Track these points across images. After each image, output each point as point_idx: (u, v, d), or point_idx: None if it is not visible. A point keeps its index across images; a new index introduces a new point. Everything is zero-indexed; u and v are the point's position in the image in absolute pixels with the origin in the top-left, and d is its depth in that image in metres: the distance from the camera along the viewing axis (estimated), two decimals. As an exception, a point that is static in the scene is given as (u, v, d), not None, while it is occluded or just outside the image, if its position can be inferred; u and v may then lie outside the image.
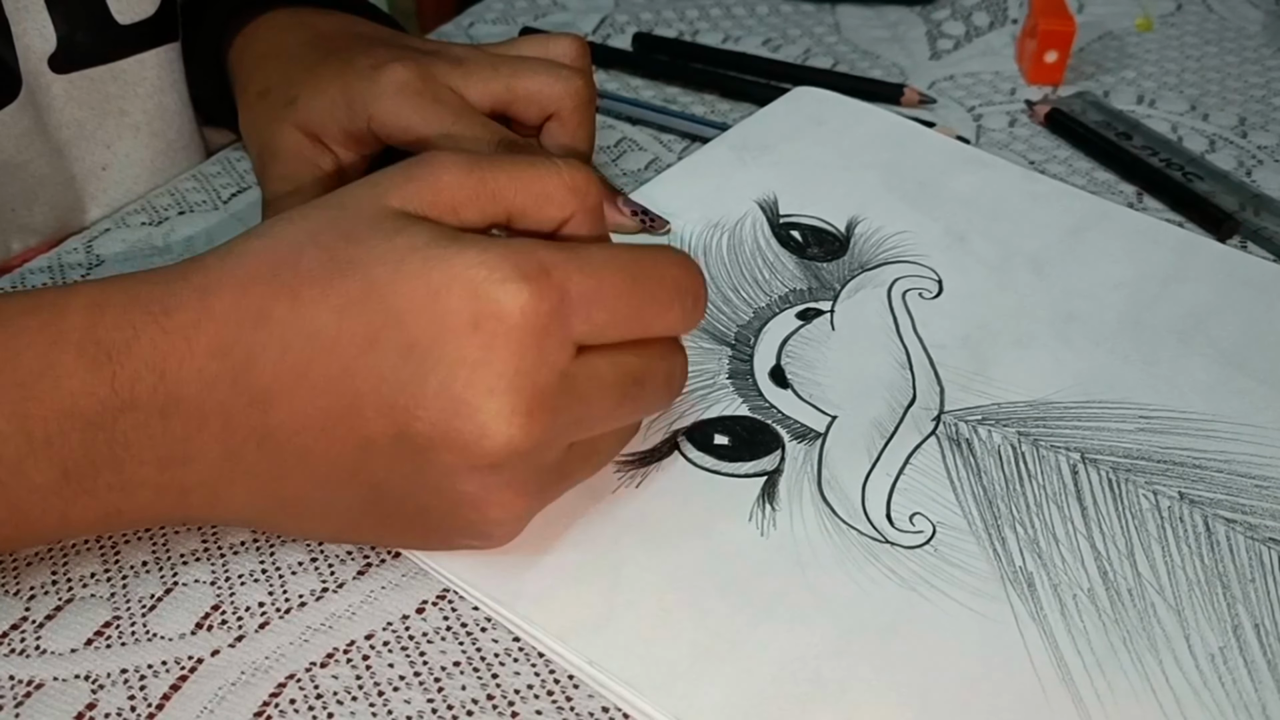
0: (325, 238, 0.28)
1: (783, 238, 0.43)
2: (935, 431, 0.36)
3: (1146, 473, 0.34)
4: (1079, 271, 0.42)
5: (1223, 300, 0.41)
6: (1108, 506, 0.33)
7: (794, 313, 0.40)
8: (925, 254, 0.43)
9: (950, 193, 0.46)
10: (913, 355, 0.38)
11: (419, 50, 0.42)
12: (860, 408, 0.37)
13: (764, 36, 0.63)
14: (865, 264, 0.42)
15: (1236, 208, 0.47)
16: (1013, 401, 0.37)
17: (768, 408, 0.37)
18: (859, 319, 0.40)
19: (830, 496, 0.34)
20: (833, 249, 0.43)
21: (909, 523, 0.33)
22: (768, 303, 0.40)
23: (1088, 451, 0.35)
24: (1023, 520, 0.33)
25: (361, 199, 0.29)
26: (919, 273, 0.42)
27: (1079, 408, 0.36)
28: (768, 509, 0.33)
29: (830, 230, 0.44)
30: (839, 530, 0.33)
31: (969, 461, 0.35)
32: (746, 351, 0.38)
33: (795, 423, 0.36)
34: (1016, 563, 0.32)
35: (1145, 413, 0.36)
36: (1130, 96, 0.57)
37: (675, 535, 0.32)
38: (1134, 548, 0.32)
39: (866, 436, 0.36)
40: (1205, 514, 0.33)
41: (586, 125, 0.42)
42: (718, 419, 0.36)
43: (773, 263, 0.42)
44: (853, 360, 0.38)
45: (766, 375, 0.38)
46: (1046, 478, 0.34)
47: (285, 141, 0.41)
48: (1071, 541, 0.32)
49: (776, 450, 0.35)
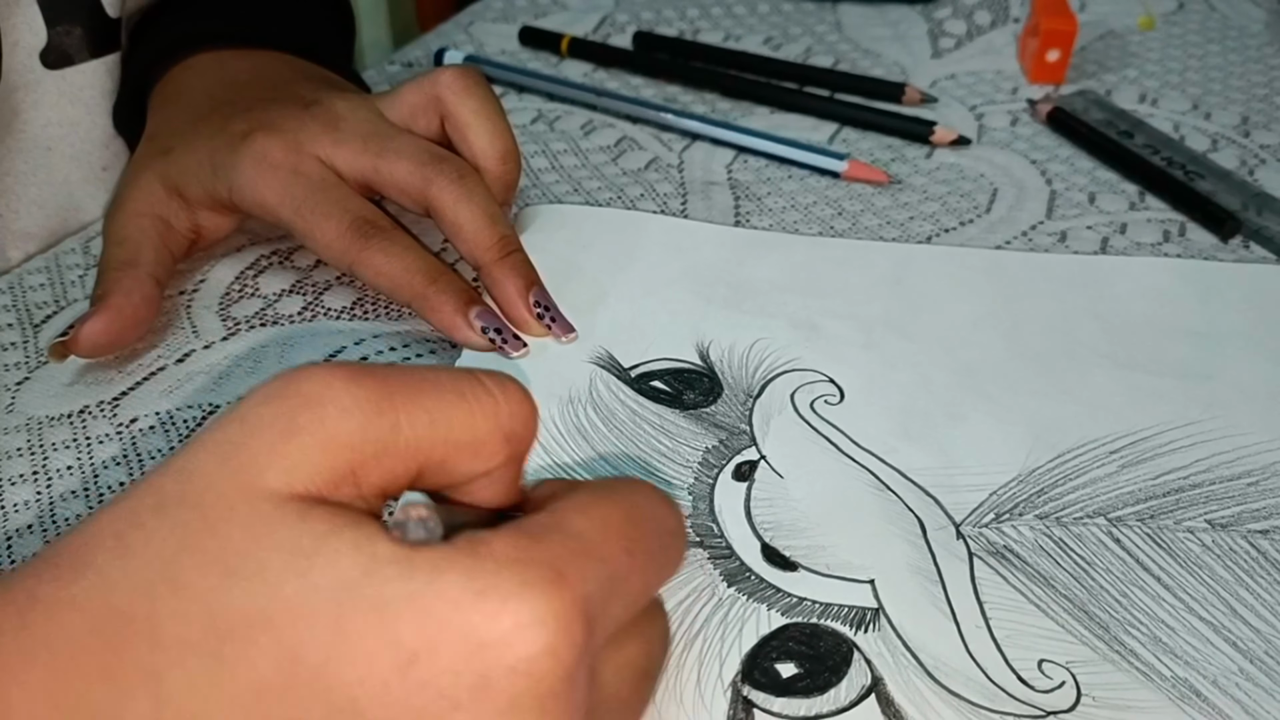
0: (187, 570, 0.18)
1: (648, 393, 0.37)
2: (971, 551, 0.32)
3: (1166, 512, 0.34)
4: (937, 320, 0.41)
5: (1074, 306, 0.41)
6: (1170, 565, 0.32)
7: (728, 475, 0.34)
8: (797, 357, 0.39)
9: (762, 283, 0.42)
10: (879, 474, 0.34)
11: (306, 110, 0.39)
12: (884, 558, 0.32)
13: (765, 35, 0.62)
14: (750, 391, 0.37)
15: (1239, 207, 0.47)
16: (1003, 484, 0.34)
17: (799, 602, 0.30)
18: (795, 454, 0.35)
19: (952, 684, 0.28)
20: (706, 388, 0.37)
21: (1042, 675, 0.29)
22: (695, 477, 0.34)
23: (1103, 511, 0.34)
24: (1126, 619, 0.30)
25: (222, 483, 0.19)
26: (806, 379, 0.38)
27: (1058, 465, 0.35)
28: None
29: (690, 368, 0.38)
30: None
31: (1028, 571, 0.31)
32: (722, 544, 0.32)
33: (843, 608, 0.30)
34: (1166, 674, 0.29)
35: (1109, 446, 0.36)
36: (1132, 95, 0.57)
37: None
38: (1228, 600, 0.31)
39: (920, 589, 0.31)
40: (1241, 533, 0.33)
41: (474, 203, 0.38)
42: (770, 645, 0.29)
43: (663, 427, 0.36)
44: (825, 504, 0.33)
45: (764, 561, 0.32)
46: (1100, 557, 0.32)
47: (144, 188, 0.39)
48: (1181, 621, 0.30)
49: (851, 652, 0.29)
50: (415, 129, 0.40)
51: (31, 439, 0.35)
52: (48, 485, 0.33)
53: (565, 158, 0.51)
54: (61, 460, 0.34)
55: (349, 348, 0.39)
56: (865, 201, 0.48)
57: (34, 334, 0.39)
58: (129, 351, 0.38)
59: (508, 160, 0.40)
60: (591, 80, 0.58)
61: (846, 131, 0.53)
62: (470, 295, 0.38)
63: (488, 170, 0.39)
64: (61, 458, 0.34)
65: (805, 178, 0.49)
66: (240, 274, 0.42)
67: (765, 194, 0.48)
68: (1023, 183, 0.49)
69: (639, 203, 0.47)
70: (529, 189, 0.48)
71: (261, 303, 0.41)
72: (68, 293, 0.41)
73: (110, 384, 0.37)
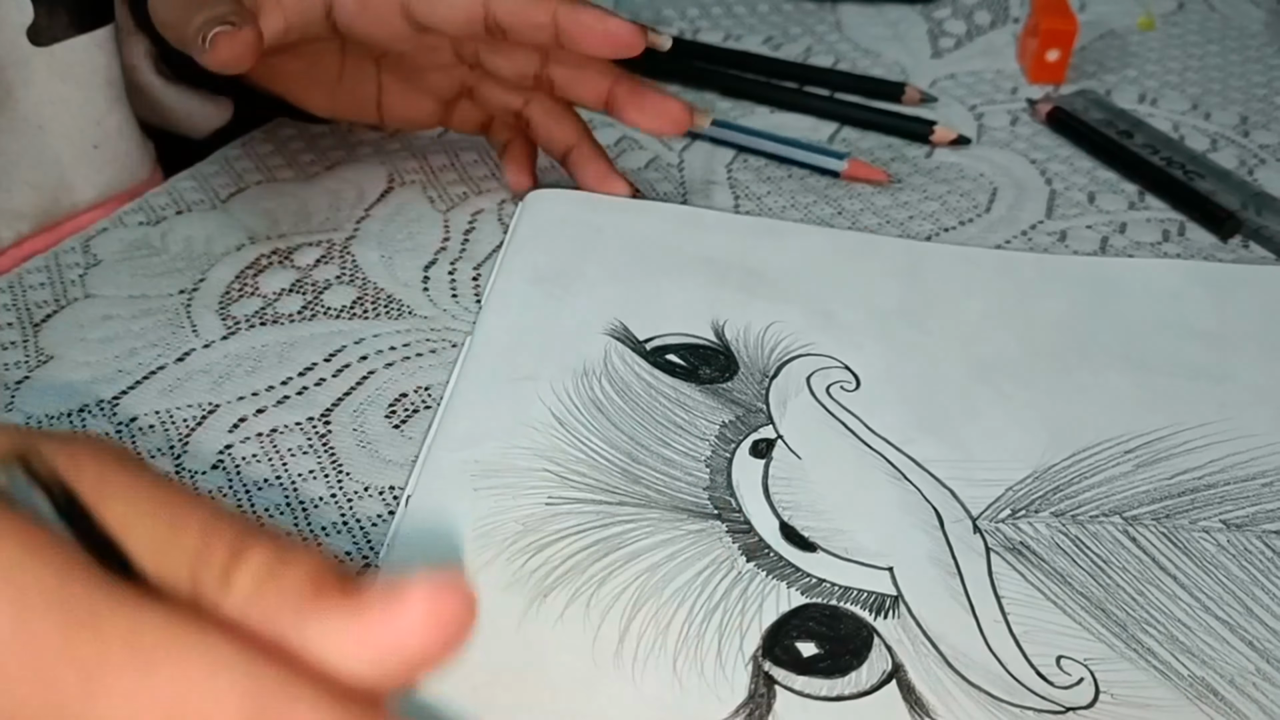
0: None
1: (664, 366, 0.37)
2: (989, 546, 0.32)
3: (1181, 512, 0.34)
4: (950, 315, 0.40)
5: (1086, 307, 0.41)
6: (1186, 564, 0.32)
7: (746, 451, 0.34)
8: (812, 342, 0.38)
9: (775, 270, 0.42)
10: (896, 463, 0.34)
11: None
12: (903, 547, 0.32)
13: (765, 35, 0.62)
14: (766, 371, 0.37)
15: (1238, 206, 0.47)
16: (1019, 480, 0.34)
17: (818, 583, 0.31)
18: (813, 437, 0.35)
19: (972, 676, 0.28)
20: (722, 365, 0.37)
21: (1060, 671, 0.29)
22: (712, 450, 0.34)
23: (1119, 510, 0.34)
24: (1143, 617, 0.30)
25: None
26: (822, 364, 0.38)
27: (1074, 463, 0.35)
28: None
29: (706, 344, 0.38)
30: (1014, 716, 0.28)
31: (1045, 568, 0.31)
32: (740, 518, 0.32)
33: (861, 593, 0.30)
34: (1184, 672, 0.29)
35: (1124, 445, 0.36)
36: (1132, 95, 0.57)
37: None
38: (1244, 600, 0.31)
39: (940, 581, 0.31)
40: (1256, 534, 0.33)
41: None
42: (791, 623, 0.30)
43: (679, 400, 0.36)
44: (843, 489, 0.33)
45: (782, 540, 0.32)
46: (1117, 556, 0.32)
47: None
48: (1198, 620, 0.30)
49: (871, 637, 0.29)
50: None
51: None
52: (48, 485, 0.33)
53: (565, 157, 0.51)
54: (61, 460, 0.34)
55: (348, 347, 0.39)
56: (865, 201, 0.48)
57: (34, 334, 0.39)
58: (128, 350, 0.38)
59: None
60: (591, 80, 0.58)
61: (846, 131, 0.53)
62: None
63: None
64: (61, 457, 0.34)
65: (805, 177, 0.49)
66: (240, 273, 0.42)
67: (765, 193, 0.48)
68: (1022, 182, 0.49)
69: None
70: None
71: (261, 302, 0.41)
72: (68, 292, 0.41)
73: (110, 383, 0.37)
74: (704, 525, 0.32)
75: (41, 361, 0.38)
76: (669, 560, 0.31)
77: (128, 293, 0.41)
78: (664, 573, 0.31)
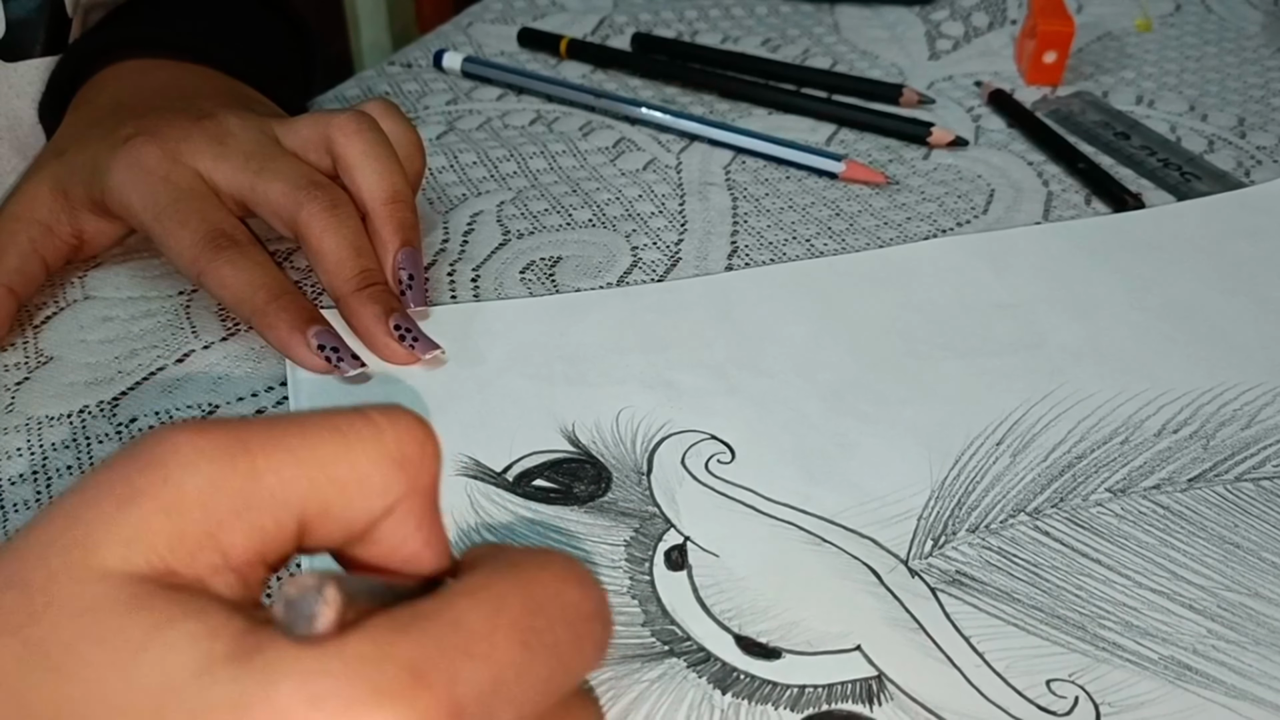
0: (6, 659, 0.17)
1: (535, 495, 0.33)
2: (931, 587, 0.31)
3: (1070, 491, 0.33)
4: (776, 345, 0.39)
5: (891, 301, 0.41)
6: (1101, 545, 0.32)
7: (662, 567, 0.31)
8: (668, 420, 0.36)
9: (591, 349, 0.39)
10: (808, 527, 0.32)
11: (196, 122, 0.38)
12: (858, 618, 0.30)
13: (763, 37, 0.63)
14: (639, 468, 0.34)
15: (1235, 208, 0.47)
16: (923, 506, 0.33)
17: (801, 691, 0.28)
18: (720, 528, 0.32)
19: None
20: (593, 475, 0.34)
21: (1054, 695, 0.28)
22: (630, 577, 0.31)
23: (1021, 507, 0.33)
24: (1094, 612, 0.30)
25: (53, 561, 0.17)
26: (689, 441, 0.35)
27: (960, 471, 0.34)
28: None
29: (567, 456, 0.34)
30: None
31: (990, 591, 0.31)
32: (694, 646, 0.29)
33: (846, 685, 0.28)
34: (1153, 656, 0.29)
35: (993, 438, 0.35)
36: (1129, 97, 0.57)
37: None
38: (1163, 564, 0.31)
39: (909, 643, 0.29)
40: (1139, 494, 0.33)
41: (340, 234, 0.36)
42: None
43: (568, 529, 0.32)
44: (775, 575, 0.31)
45: (743, 655, 0.29)
46: (1041, 556, 0.32)
47: (29, 190, 0.39)
48: (1137, 598, 0.31)
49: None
50: (306, 161, 0.39)
51: (31, 439, 0.35)
52: (48, 485, 0.33)
53: (564, 159, 0.51)
54: (61, 460, 0.34)
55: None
56: (863, 202, 0.48)
57: (34, 334, 0.39)
58: (128, 351, 0.38)
59: (395, 201, 0.38)
60: (590, 81, 0.58)
61: (844, 133, 0.54)
62: (311, 314, 0.36)
63: (375, 211, 0.38)
64: (61, 458, 0.34)
65: (803, 179, 0.50)
66: (239, 274, 0.42)
67: (763, 195, 0.48)
68: (1019, 184, 0.49)
69: (637, 203, 0.47)
70: (528, 189, 0.48)
71: (261, 303, 0.41)
72: (67, 293, 0.41)
73: (110, 384, 0.37)
74: (662, 668, 0.29)
75: (41, 362, 0.38)
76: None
77: (127, 294, 0.41)
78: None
